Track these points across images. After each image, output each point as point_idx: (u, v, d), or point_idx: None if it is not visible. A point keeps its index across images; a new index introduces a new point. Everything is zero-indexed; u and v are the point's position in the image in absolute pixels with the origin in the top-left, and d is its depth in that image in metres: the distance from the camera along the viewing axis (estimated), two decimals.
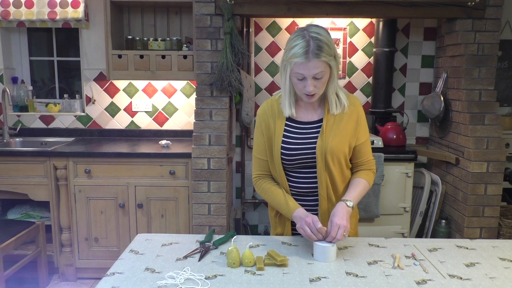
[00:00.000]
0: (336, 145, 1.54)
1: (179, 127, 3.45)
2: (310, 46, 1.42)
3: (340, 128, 1.56)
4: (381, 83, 3.20)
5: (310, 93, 1.48)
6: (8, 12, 3.18)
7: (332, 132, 1.55)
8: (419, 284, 1.26)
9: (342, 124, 1.57)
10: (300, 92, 1.52)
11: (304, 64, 1.43)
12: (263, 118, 1.66)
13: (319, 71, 1.44)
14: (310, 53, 1.42)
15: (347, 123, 1.58)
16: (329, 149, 1.53)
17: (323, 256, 1.41)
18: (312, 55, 1.42)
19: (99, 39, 3.31)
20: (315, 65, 1.43)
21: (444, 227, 3.02)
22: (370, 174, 1.65)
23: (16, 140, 3.33)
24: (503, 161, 2.77)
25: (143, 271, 1.34)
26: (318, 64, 1.43)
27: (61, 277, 2.97)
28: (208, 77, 2.75)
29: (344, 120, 1.58)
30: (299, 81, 1.49)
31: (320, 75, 1.46)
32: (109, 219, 2.91)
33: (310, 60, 1.42)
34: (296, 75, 1.48)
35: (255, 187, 1.70)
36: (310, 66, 1.43)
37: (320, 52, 1.42)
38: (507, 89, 3.37)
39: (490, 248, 1.54)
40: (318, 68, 1.44)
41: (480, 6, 2.71)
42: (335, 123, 1.57)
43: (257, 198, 3.47)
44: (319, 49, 1.42)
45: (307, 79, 1.46)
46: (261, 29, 3.32)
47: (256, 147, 1.69)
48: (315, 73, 1.44)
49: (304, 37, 1.44)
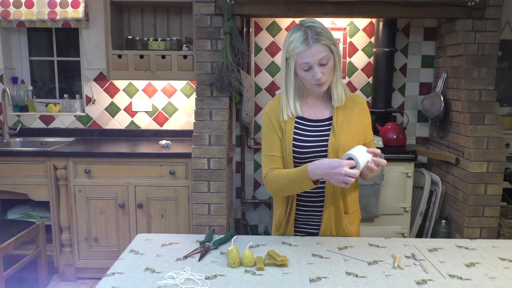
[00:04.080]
0: (348, 142, 1.54)
1: (179, 127, 3.45)
2: (309, 33, 1.45)
3: (350, 125, 1.57)
4: (381, 83, 3.20)
5: (320, 80, 1.48)
6: (8, 12, 3.18)
7: (343, 129, 1.55)
8: (419, 284, 1.26)
9: (352, 122, 1.57)
10: (309, 84, 1.52)
11: (307, 51, 1.44)
12: (274, 116, 1.61)
13: (323, 55, 1.45)
14: (310, 39, 1.44)
15: (357, 121, 1.58)
16: (341, 146, 1.53)
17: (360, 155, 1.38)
18: (312, 40, 1.44)
19: (99, 39, 3.31)
20: (318, 50, 1.44)
21: (444, 227, 3.02)
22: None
23: (16, 140, 3.33)
24: (503, 161, 2.77)
25: (143, 271, 1.34)
26: (321, 48, 1.44)
27: (61, 277, 2.97)
28: (208, 77, 2.75)
29: (354, 118, 1.58)
30: (306, 72, 1.49)
31: (325, 60, 1.46)
32: (109, 219, 2.91)
33: (312, 46, 1.44)
34: (302, 66, 1.48)
35: (265, 184, 1.61)
36: (313, 51, 1.44)
37: (320, 37, 1.44)
38: (507, 89, 3.37)
39: (490, 248, 1.53)
40: (321, 52, 1.45)
41: (480, 6, 2.71)
42: (345, 120, 1.57)
43: (257, 198, 3.47)
44: (318, 34, 1.44)
45: (314, 67, 1.46)
46: (261, 29, 3.32)
47: (267, 146, 1.62)
48: (319, 58, 1.45)
49: (300, 29, 1.47)
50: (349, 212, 1.64)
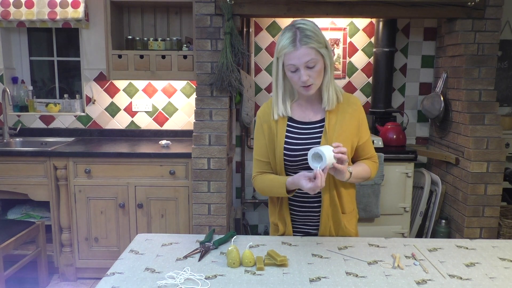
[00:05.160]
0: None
1: (179, 127, 3.45)
2: (297, 35, 1.44)
3: (343, 127, 1.55)
4: (381, 83, 3.20)
5: (305, 83, 1.47)
6: (8, 12, 3.18)
7: (336, 131, 1.54)
8: (419, 284, 1.26)
9: (344, 124, 1.56)
10: (296, 85, 1.52)
11: (294, 53, 1.44)
12: (265, 119, 1.64)
13: (309, 59, 1.44)
14: (298, 41, 1.43)
15: (350, 123, 1.57)
16: None
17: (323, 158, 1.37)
18: (300, 43, 1.43)
19: (99, 39, 3.32)
20: (304, 53, 1.43)
21: (444, 227, 3.02)
22: (373, 163, 1.66)
23: (16, 140, 3.33)
24: (503, 161, 2.77)
25: (143, 271, 1.34)
26: (308, 51, 1.43)
27: (61, 277, 2.97)
28: (208, 77, 2.75)
29: (346, 119, 1.57)
30: (293, 73, 1.49)
31: (311, 63, 1.45)
32: (109, 219, 2.91)
33: (298, 48, 1.43)
34: (289, 67, 1.48)
35: (253, 185, 1.68)
36: (299, 54, 1.43)
37: (308, 39, 1.43)
38: (507, 89, 3.37)
39: (490, 248, 1.54)
40: (308, 55, 1.44)
41: (480, 6, 2.71)
42: (337, 122, 1.56)
43: (257, 198, 3.47)
44: (306, 36, 1.43)
45: (300, 69, 1.46)
46: (261, 29, 3.32)
47: (256, 149, 1.67)
48: (306, 60, 1.44)
49: (291, 30, 1.47)
50: (346, 211, 1.64)
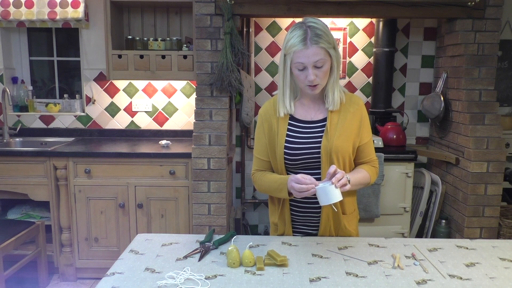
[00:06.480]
0: (342, 144, 1.52)
1: (179, 127, 3.45)
2: (308, 33, 1.44)
3: (344, 127, 1.55)
4: (381, 83, 3.20)
5: (312, 82, 1.47)
6: (8, 12, 3.18)
7: (337, 131, 1.54)
8: (419, 284, 1.26)
9: (346, 123, 1.55)
10: (302, 83, 1.51)
11: (303, 52, 1.44)
12: (266, 118, 1.63)
13: (319, 58, 1.44)
14: (308, 40, 1.43)
15: (351, 123, 1.57)
16: (334, 148, 1.51)
17: (327, 197, 1.37)
18: (311, 42, 1.43)
19: (99, 39, 3.31)
20: (314, 52, 1.43)
21: (444, 227, 3.02)
22: (372, 169, 1.63)
23: (16, 140, 3.33)
24: (503, 161, 2.77)
25: (143, 271, 1.34)
26: (317, 50, 1.43)
27: (61, 277, 2.97)
28: (208, 77, 2.75)
29: (348, 119, 1.56)
30: (300, 72, 1.48)
31: (320, 63, 1.45)
32: (109, 219, 2.91)
33: (309, 47, 1.43)
34: (296, 65, 1.47)
35: (253, 181, 1.69)
36: (309, 53, 1.43)
37: (319, 39, 1.43)
38: (507, 89, 3.37)
39: (490, 248, 1.54)
40: (317, 55, 1.44)
41: (480, 6, 2.71)
42: (339, 122, 1.55)
43: (257, 198, 3.47)
44: (317, 36, 1.43)
45: (308, 68, 1.46)
46: (261, 29, 3.32)
47: (257, 147, 1.67)
48: (315, 60, 1.44)
49: (302, 28, 1.46)
50: (347, 212, 1.64)
